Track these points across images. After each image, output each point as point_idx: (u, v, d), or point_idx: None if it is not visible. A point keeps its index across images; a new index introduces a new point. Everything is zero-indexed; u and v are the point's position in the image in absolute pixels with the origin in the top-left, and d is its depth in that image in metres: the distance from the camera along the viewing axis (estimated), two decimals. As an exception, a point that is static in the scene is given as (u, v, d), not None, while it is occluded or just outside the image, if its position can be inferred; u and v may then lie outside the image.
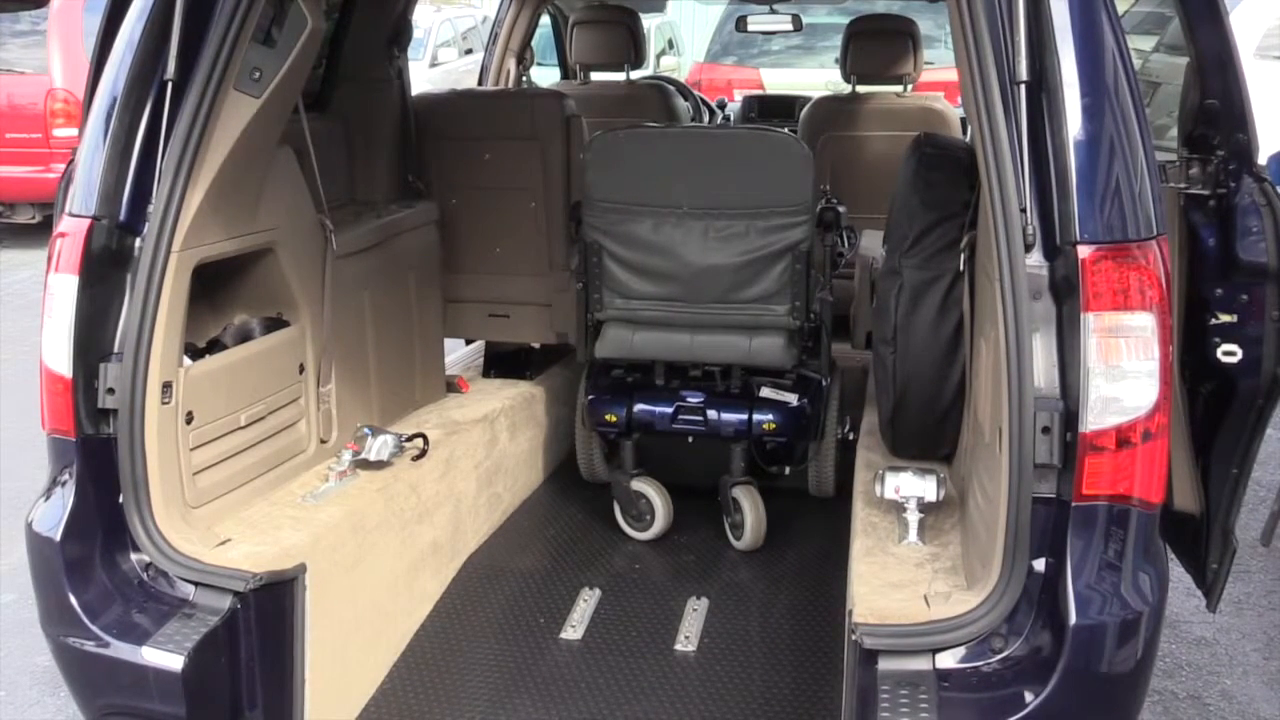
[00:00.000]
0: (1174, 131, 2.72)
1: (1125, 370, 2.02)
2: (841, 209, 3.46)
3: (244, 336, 2.76)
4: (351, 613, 2.71)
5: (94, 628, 2.30)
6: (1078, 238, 2.02)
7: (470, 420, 3.46)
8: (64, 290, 2.34)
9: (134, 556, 2.39)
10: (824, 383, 3.56)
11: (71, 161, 2.49)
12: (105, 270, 2.37)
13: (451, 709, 2.77)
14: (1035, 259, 2.07)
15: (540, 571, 3.35)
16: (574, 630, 3.04)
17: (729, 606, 3.18)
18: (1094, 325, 2.01)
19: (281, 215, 2.77)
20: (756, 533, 3.48)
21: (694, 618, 3.11)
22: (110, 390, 2.35)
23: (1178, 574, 2.58)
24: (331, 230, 2.96)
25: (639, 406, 3.48)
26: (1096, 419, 2.02)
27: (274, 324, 2.83)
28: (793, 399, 3.44)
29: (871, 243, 3.54)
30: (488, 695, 2.82)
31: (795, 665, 2.89)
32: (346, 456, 2.90)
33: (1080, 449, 2.02)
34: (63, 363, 2.35)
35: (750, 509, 3.46)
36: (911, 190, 2.79)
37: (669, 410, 3.46)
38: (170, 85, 2.38)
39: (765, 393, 3.45)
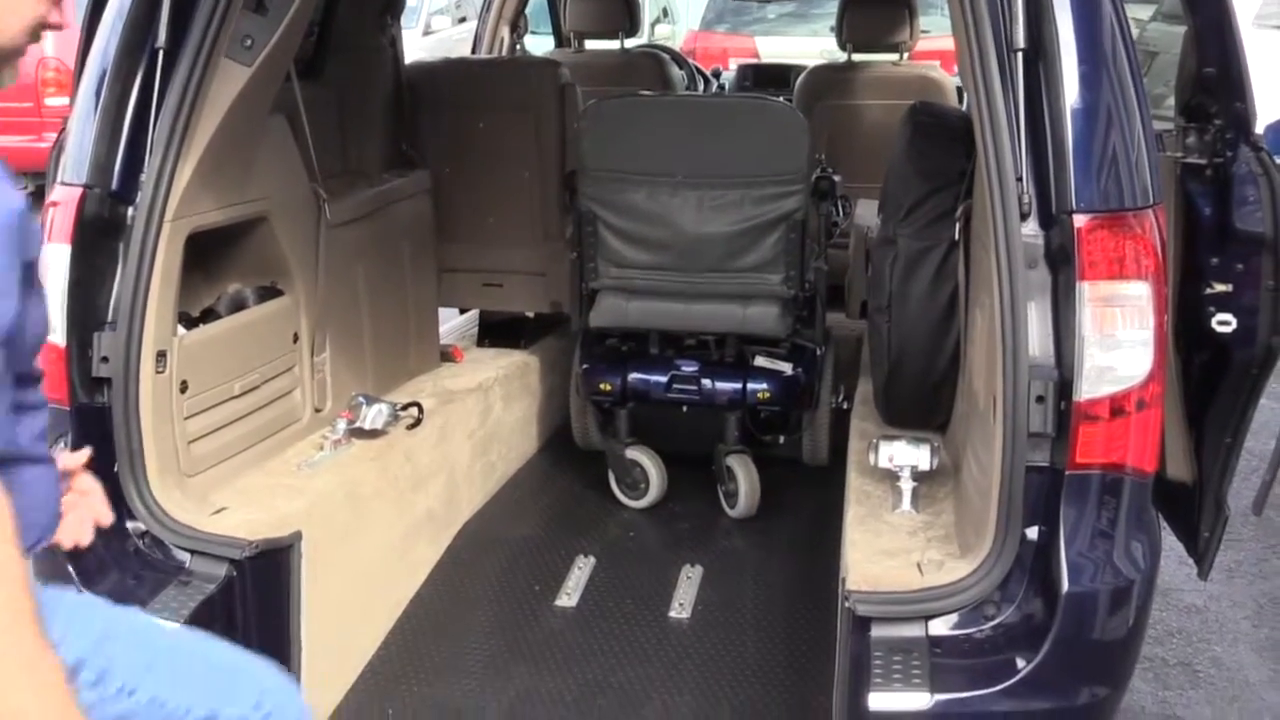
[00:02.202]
0: (1171, 100, 2.71)
1: (1120, 339, 2.02)
2: (836, 178, 3.45)
3: (238, 306, 2.75)
4: (347, 580, 2.71)
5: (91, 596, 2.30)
6: (1074, 206, 2.01)
7: (465, 389, 3.46)
8: (57, 259, 2.32)
9: (130, 525, 2.38)
10: (818, 352, 3.55)
11: (63, 130, 2.47)
12: (98, 239, 2.36)
13: (447, 676, 2.78)
14: (1031, 228, 2.07)
15: (535, 539, 3.35)
16: (569, 598, 3.05)
17: (723, 574, 3.19)
18: (1089, 294, 2.01)
19: (274, 184, 2.76)
20: (750, 501, 3.48)
21: (688, 585, 3.12)
22: (104, 359, 2.34)
23: (1169, 541, 2.58)
24: (325, 199, 2.94)
25: (634, 375, 3.48)
26: (1091, 388, 2.02)
27: (268, 293, 2.82)
28: (787, 368, 3.44)
29: (866, 212, 3.53)
30: (483, 662, 2.83)
31: (789, 632, 2.90)
32: (341, 425, 2.90)
33: (1074, 418, 2.03)
34: (56, 332, 2.33)
35: (744, 478, 3.47)
36: (906, 160, 2.79)
37: (663, 379, 3.46)
38: (161, 54, 2.36)
39: (760, 362, 3.45)
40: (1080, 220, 2.01)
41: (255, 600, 2.36)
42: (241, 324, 2.71)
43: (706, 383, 3.45)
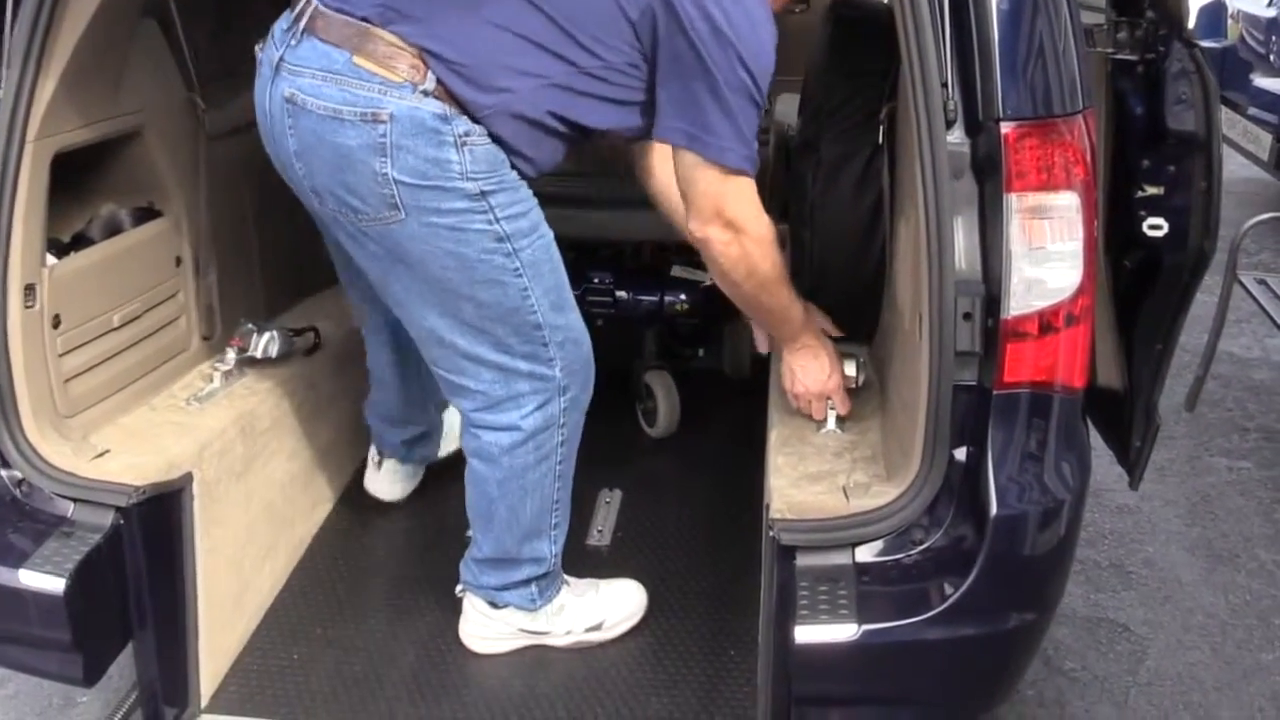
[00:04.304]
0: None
1: (1049, 252, 2.03)
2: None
3: (113, 229, 2.66)
4: (244, 521, 2.69)
5: None
6: (1000, 114, 2.01)
7: None
8: None
9: (4, 473, 2.33)
10: None
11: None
12: None
13: (354, 615, 2.78)
14: (956, 136, 2.06)
15: (444, 464, 3.34)
16: None
17: (643, 497, 3.21)
18: (1017, 206, 2.01)
19: (147, 95, 2.66)
20: (670, 419, 3.50)
21: (606, 510, 3.14)
22: None
23: (1101, 441, 2.65)
24: (204, 109, 2.86)
25: None
26: (1019, 304, 2.04)
27: (145, 214, 2.74)
28: (705, 277, 3.43)
29: (787, 108, 3.50)
30: (392, 599, 2.84)
31: (713, 559, 2.94)
32: (231, 354, 2.84)
33: (1002, 335, 2.04)
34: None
35: (663, 395, 3.48)
36: (827, 58, 2.75)
37: (576, 293, 3.42)
38: (12, -44, 2.26)
39: (677, 271, 3.44)
40: (1007, 128, 2.00)
41: (145, 549, 2.33)
42: (118, 249, 2.63)
43: (622, 294, 3.44)
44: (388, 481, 3.17)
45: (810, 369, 2.53)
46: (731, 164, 2.21)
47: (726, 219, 2.26)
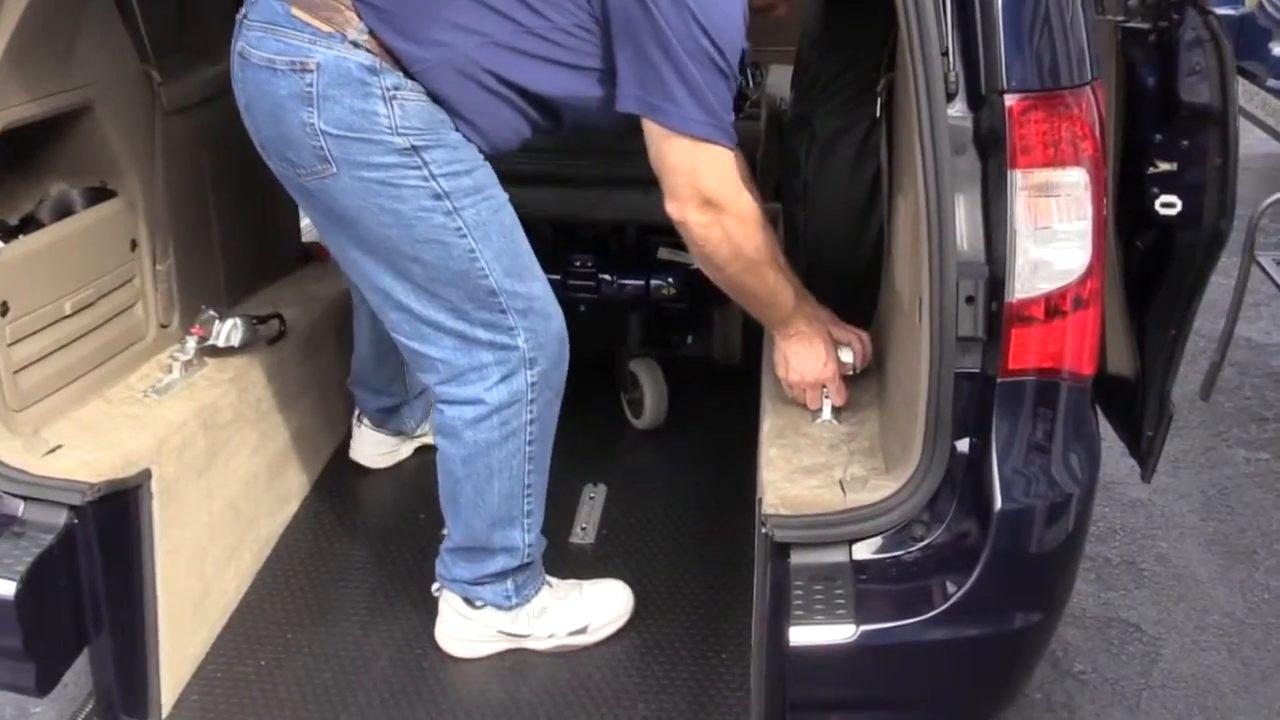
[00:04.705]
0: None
1: (1056, 232, 2.02)
2: (745, 45, 3.39)
3: (64, 210, 2.64)
4: (207, 520, 2.68)
5: None
6: (1004, 85, 1.99)
7: (332, 294, 3.39)
8: None
9: (-50, 471, 2.32)
10: None
11: None
12: None
13: (324, 618, 2.77)
14: (958, 109, 2.05)
15: (418, 459, 3.33)
16: None
17: (629, 493, 3.21)
18: (1022, 183, 2.00)
19: (99, 69, 2.64)
20: (657, 410, 3.49)
21: (591, 506, 3.14)
22: None
23: (1112, 433, 2.64)
24: (160, 83, 2.84)
25: None
26: (1024, 286, 2.02)
27: (98, 194, 2.72)
28: (693, 259, 3.42)
29: (779, 80, 3.50)
30: (365, 602, 2.83)
31: (703, 557, 2.94)
32: (191, 343, 2.83)
33: (1007, 320, 2.03)
34: None
35: (650, 384, 3.47)
36: (822, 26, 2.75)
37: (556, 277, 3.42)
38: (-47, -79, 2.24)
39: (663, 254, 3.43)
40: (1012, 100, 1.98)
41: (101, 550, 2.32)
42: (69, 232, 2.61)
43: (605, 278, 3.43)
44: (366, 445, 3.32)
45: (804, 356, 2.50)
46: (700, 135, 2.20)
47: (703, 197, 2.26)
